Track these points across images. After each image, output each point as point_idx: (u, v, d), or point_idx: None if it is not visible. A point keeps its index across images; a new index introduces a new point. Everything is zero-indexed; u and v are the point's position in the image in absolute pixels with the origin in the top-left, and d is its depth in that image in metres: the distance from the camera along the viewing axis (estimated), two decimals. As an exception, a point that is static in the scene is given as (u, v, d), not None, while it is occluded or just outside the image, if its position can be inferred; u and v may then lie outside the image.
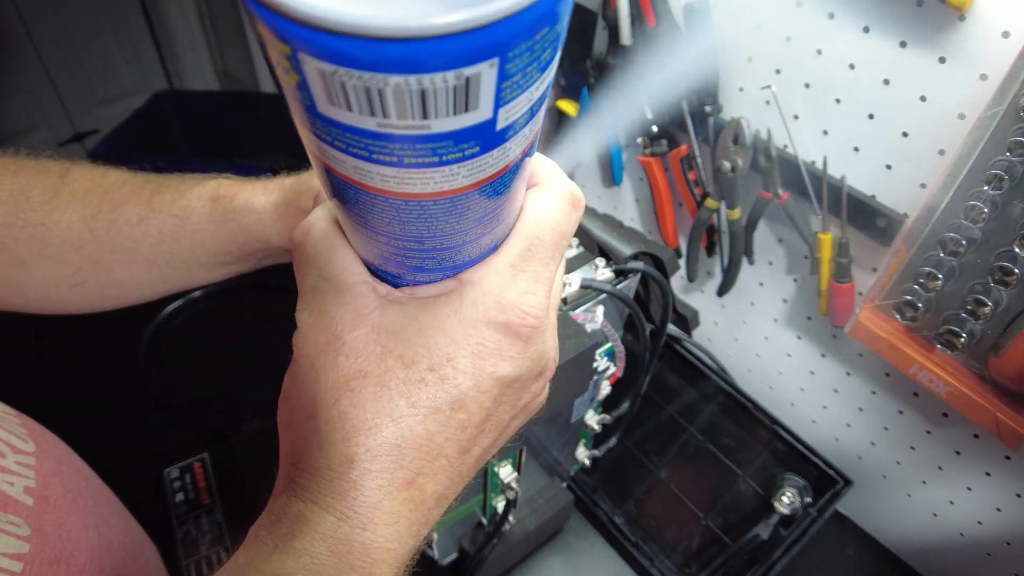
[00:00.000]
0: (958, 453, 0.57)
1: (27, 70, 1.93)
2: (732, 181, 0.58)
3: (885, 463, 0.64)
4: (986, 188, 0.43)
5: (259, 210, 0.40)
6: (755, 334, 0.72)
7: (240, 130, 1.05)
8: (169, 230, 0.41)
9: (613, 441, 0.64)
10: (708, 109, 0.59)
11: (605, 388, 0.55)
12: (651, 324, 0.55)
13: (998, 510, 0.56)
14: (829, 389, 0.66)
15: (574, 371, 0.42)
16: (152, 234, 0.41)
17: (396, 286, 0.24)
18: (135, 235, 0.41)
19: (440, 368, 0.22)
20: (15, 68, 1.90)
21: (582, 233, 0.50)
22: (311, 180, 0.39)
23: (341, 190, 0.19)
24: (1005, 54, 0.42)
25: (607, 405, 0.58)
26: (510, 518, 0.54)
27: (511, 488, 0.50)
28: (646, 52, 0.60)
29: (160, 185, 0.42)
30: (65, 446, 0.40)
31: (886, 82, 0.49)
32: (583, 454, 0.63)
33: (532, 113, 0.18)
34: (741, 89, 0.59)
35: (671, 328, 0.58)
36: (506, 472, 0.50)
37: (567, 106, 0.76)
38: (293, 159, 0.44)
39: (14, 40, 1.87)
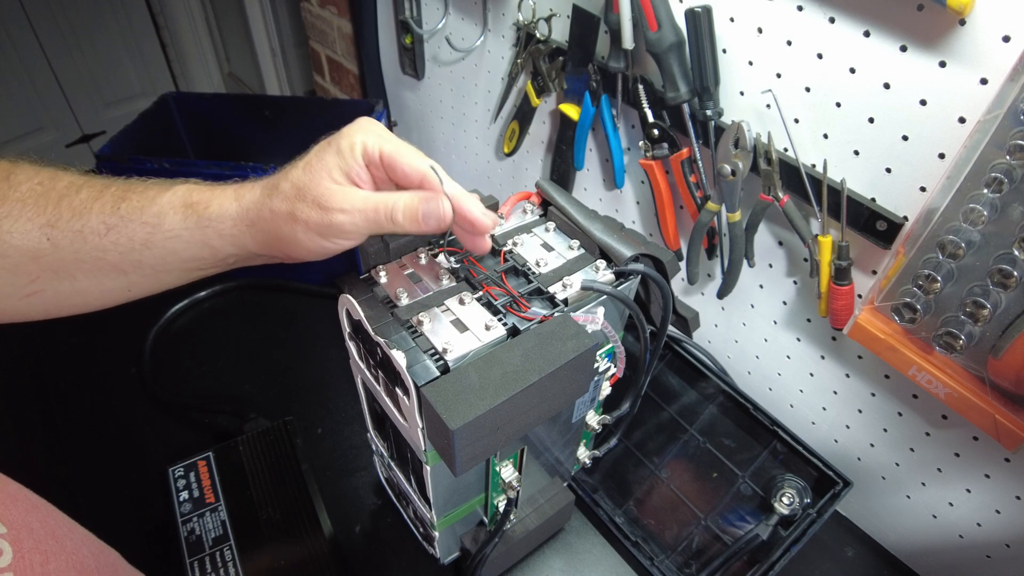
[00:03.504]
0: (957, 455, 0.57)
1: (34, 72, 1.94)
2: (733, 184, 0.59)
3: (884, 464, 0.64)
4: (985, 191, 0.43)
5: (234, 216, 0.40)
6: (755, 336, 0.72)
7: (246, 132, 1.06)
8: (140, 238, 0.40)
9: (614, 441, 0.64)
10: (709, 113, 0.59)
11: (606, 389, 0.55)
12: (651, 325, 0.55)
13: (997, 512, 0.56)
14: (828, 391, 0.66)
15: (575, 372, 0.42)
16: (122, 243, 0.39)
17: None
18: (103, 244, 0.39)
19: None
20: (22, 70, 1.91)
21: (583, 235, 0.51)
22: (280, 183, 0.39)
23: None
24: (1005, 58, 0.42)
25: (608, 406, 0.59)
26: (511, 517, 0.54)
27: (512, 487, 0.51)
28: (647, 56, 0.61)
29: (123, 190, 0.40)
30: (35, 505, 0.34)
31: (886, 86, 0.49)
32: (584, 454, 0.63)
33: None
34: (742, 93, 0.59)
35: (671, 329, 0.58)
36: (507, 471, 0.51)
37: (569, 110, 0.76)
38: (298, 160, 0.45)
39: (21, 42, 1.88)
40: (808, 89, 0.54)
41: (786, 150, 0.56)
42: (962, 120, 0.46)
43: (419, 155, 0.41)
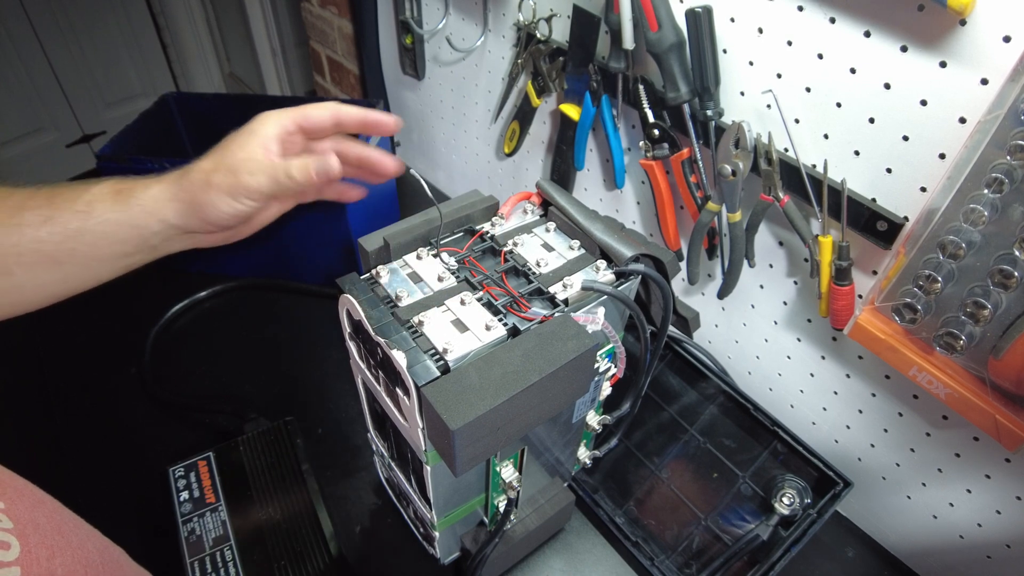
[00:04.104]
0: (958, 455, 0.57)
1: (35, 72, 1.94)
2: (733, 184, 0.59)
3: (885, 465, 0.64)
4: (986, 191, 0.43)
5: (156, 193, 0.45)
6: (755, 336, 0.72)
7: (246, 132, 1.06)
8: (75, 226, 0.44)
9: (614, 442, 0.64)
10: (709, 113, 0.59)
11: (606, 389, 0.55)
12: (652, 326, 0.55)
13: (998, 512, 0.56)
14: (829, 391, 0.66)
15: (575, 372, 0.42)
16: (57, 232, 0.43)
17: None
18: (39, 236, 0.43)
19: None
20: (23, 70, 1.91)
21: (583, 235, 0.51)
22: (198, 162, 0.46)
23: None
24: (1006, 58, 0.42)
25: (608, 406, 0.59)
26: (512, 517, 0.54)
27: (513, 487, 0.51)
28: (648, 56, 0.61)
29: (54, 188, 0.45)
30: (40, 500, 0.34)
31: (887, 86, 0.49)
32: (584, 454, 0.63)
33: None
34: (742, 93, 0.59)
35: (672, 330, 0.58)
36: (508, 472, 0.51)
37: (569, 110, 0.76)
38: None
39: (22, 42, 1.88)
40: (808, 89, 0.54)
41: (786, 150, 0.56)
42: (963, 120, 0.46)
43: (321, 104, 0.48)
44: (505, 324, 0.44)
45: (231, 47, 2.24)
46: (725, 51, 0.59)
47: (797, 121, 0.56)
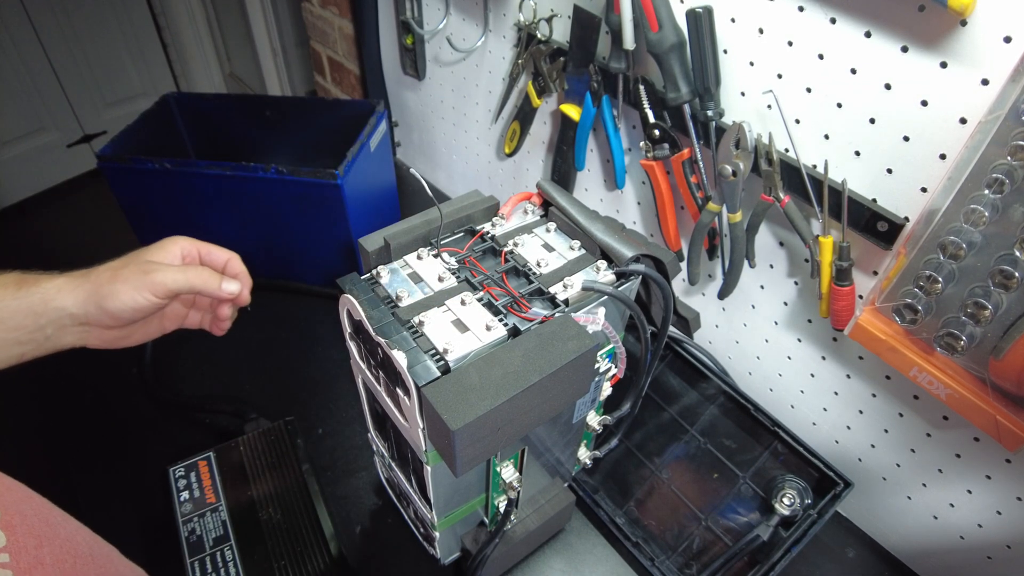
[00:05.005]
0: (958, 456, 0.57)
1: (36, 72, 1.94)
2: (733, 185, 0.59)
3: (885, 465, 0.64)
4: (987, 192, 0.43)
5: (59, 283, 0.48)
6: (756, 336, 0.72)
7: (247, 133, 1.06)
8: None
9: (614, 442, 0.64)
10: (710, 113, 0.59)
11: (606, 389, 0.55)
12: (652, 326, 0.55)
13: (998, 513, 0.56)
14: (829, 391, 0.66)
15: (575, 372, 0.42)
16: None
17: None
18: None
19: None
20: (24, 70, 1.91)
21: (584, 236, 0.51)
22: (103, 265, 0.49)
23: None
24: (1006, 59, 0.42)
25: (608, 406, 0.59)
26: (512, 518, 0.54)
27: (513, 488, 0.51)
28: (648, 56, 0.61)
29: None
30: (28, 495, 0.35)
31: (887, 87, 0.49)
32: (584, 455, 0.63)
33: None
34: (743, 93, 0.59)
35: (672, 330, 0.58)
36: (508, 472, 0.51)
37: (570, 110, 0.76)
38: (297, 160, 0.45)
39: (23, 42, 1.88)
40: (809, 90, 0.54)
41: (787, 151, 0.56)
42: (963, 121, 0.46)
43: (224, 250, 0.54)
44: (505, 324, 0.44)
45: (232, 47, 2.24)
46: (726, 51, 0.59)
47: (798, 121, 0.56)
